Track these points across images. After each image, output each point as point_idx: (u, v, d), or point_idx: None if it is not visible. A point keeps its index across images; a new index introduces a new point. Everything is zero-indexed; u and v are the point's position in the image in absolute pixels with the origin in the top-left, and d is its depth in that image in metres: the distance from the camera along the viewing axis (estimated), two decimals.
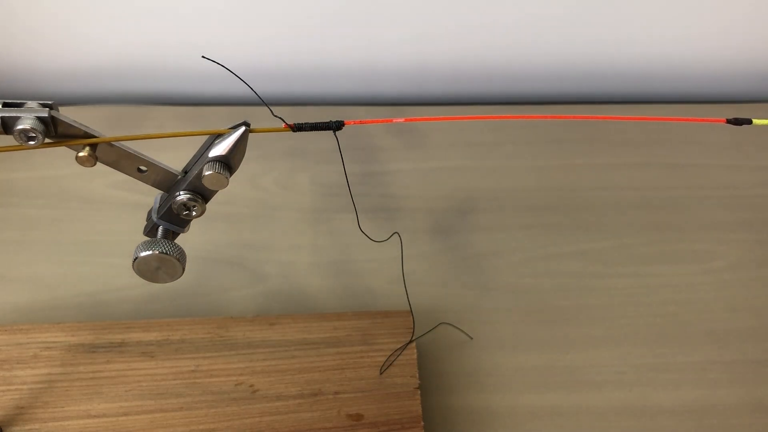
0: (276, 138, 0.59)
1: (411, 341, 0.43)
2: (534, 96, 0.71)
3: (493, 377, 0.46)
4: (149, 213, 0.32)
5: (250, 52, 0.64)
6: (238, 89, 0.64)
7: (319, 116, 0.30)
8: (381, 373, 0.42)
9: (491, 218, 0.56)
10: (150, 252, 0.29)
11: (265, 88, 0.67)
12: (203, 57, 0.29)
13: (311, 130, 0.29)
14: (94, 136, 0.28)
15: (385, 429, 0.40)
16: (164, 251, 0.29)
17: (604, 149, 0.62)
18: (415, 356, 0.43)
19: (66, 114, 0.27)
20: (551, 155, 0.61)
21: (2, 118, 0.26)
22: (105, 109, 0.64)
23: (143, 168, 0.30)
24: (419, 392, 0.41)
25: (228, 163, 0.29)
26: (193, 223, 0.33)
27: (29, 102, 0.27)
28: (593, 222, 0.56)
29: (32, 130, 0.26)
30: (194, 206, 0.30)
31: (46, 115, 0.26)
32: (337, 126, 0.29)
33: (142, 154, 0.30)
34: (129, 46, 0.63)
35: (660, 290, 0.52)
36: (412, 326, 0.44)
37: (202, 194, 0.30)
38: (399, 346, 0.43)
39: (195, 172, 0.29)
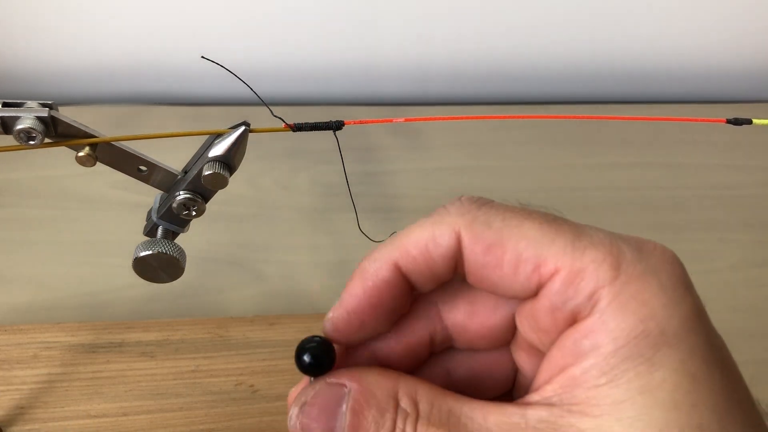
0: (276, 138, 0.59)
1: None
2: (534, 96, 0.71)
3: None
4: (149, 213, 0.32)
5: (250, 52, 0.64)
6: (238, 89, 0.64)
7: (319, 116, 0.30)
8: None
9: None
10: (150, 252, 0.29)
11: (265, 88, 0.67)
12: (203, 57, 0.29)
13: (311, 130, 0.29)
14: (94, 136, 0.28)
15: None
16: (164, 251, 0.29)
17: (604, 149, 0.62)
18: None
19: (66, 114, 0.27)
20: (551, 155, 0.61)
21: (2, 118, 0.26)
22: (105, 109, 0.64)
23: (143, 168, 0.30)
24: None
25: (228, 163, 0.29)
26: (193, 223, 0.33)
27: (29, 102, 0.27)
28: (593, 222, 0.56)
29: (32, 129, 0.26)
30: (194, 206, 0.30)
31: (46, 115, 0.26)
32: (337, 126, 0.29)
33: (142, 154, 0.30)
34: (129, 46, 0.63)
35: None
36: None
37: (202, 194, 0.30)
38: None
39: (195, 172, 0.29)
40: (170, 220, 0.31)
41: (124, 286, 0.49)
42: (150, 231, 0.32)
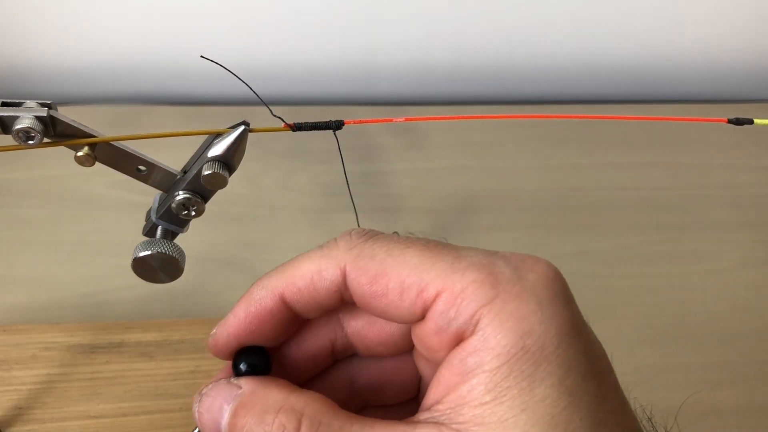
0: (275, 138, 0.59)
1: None
2: (534, 96, 0.71)
3: None
4: (148, 213, 0.32)
5: (250, 52, 0.64)
6: (238, 89, 0.64)
7: (319, 116, 0.30)
8: None
9: (491, 218, 0.56)
10: (149, 252, 0.29)
11: (265, 88, 0.67)
12: (203, 57, 0.29)
13: (311, 129, 0.28)
14: (93, 136, 0.28)
15: None
16: (163, 251, 0.29)
17: (604, 149, 0.62)
18: None
19: (65, 114, 0.27)
20: (551, 155, 0.61)
21: (1, 117, 0.26)
22: (105, 109, 0.64)
23: (142, 168, 0.30)
24: None
25: (227, 163, 0.29)
26: (193, 223, 0.32)
27: (28, 101, 0.27)
28: (593, 222, 0.56)
29: (31, 129, 0.26)
30: (193, 206, 0.30)
31: (45, 114, 0.26)
32: (337, 126, 0.29)
33: (142, 154, 0.30)
34: (129, 46, 0.63)
35: (661, 290, 0.52)
36: None
37: (202, 194, 0.30)
38: None
39: (194, 171, 0.29)
40: (169, 220, 0.31)
41: (124, 286, 0.49)
42: (149, 231, 0.32)
